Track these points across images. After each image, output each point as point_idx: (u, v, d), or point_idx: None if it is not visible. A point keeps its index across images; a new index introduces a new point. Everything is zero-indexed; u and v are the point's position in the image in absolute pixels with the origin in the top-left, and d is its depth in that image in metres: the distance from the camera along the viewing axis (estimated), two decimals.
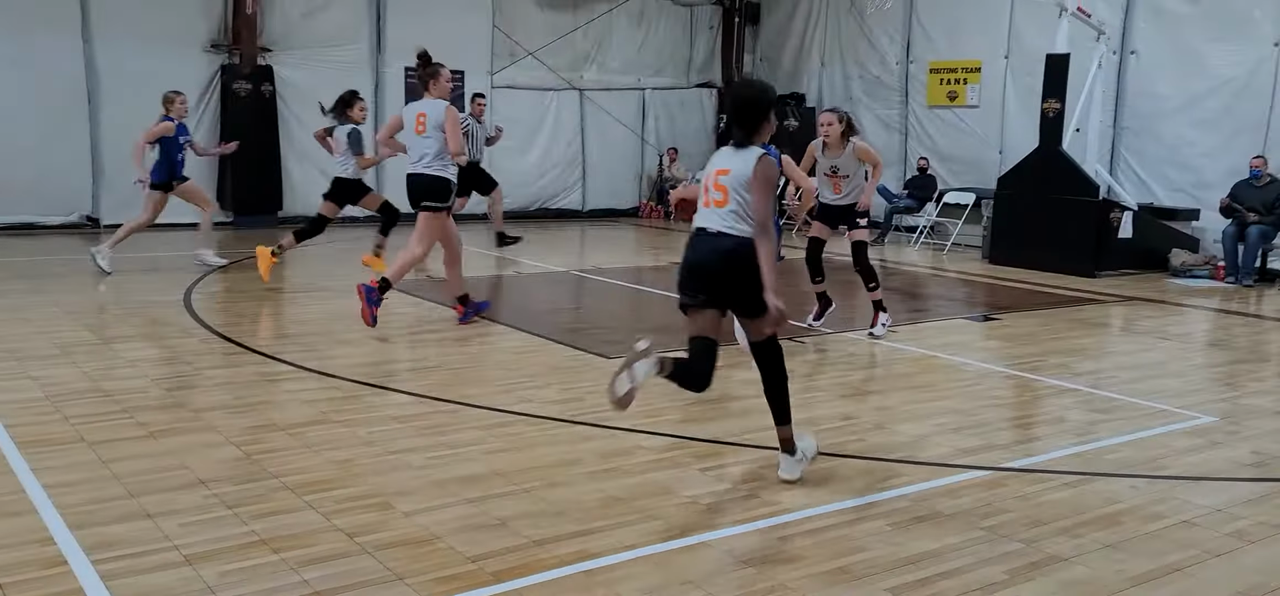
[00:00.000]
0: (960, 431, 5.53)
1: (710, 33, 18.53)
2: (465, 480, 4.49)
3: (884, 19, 16.00)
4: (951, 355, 7.51)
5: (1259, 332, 8.98)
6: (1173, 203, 12.94)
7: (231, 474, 4.48)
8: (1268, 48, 12.08)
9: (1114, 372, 7.07)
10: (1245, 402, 6.34)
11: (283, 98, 14.43)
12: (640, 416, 5.59)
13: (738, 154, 4.41)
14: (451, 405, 5.70)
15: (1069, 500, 4.48)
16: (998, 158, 14.61)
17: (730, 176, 4.37)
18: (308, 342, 7.21)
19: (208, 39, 14.05)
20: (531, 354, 7.14)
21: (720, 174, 4.42)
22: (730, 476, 4.67)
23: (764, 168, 4.32)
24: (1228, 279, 11.55)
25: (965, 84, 15.38)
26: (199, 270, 10.24)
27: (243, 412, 5.45)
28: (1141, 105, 13.31)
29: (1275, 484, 4.82)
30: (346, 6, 14.83)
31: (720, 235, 4.39)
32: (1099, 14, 12.86)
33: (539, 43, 16.45)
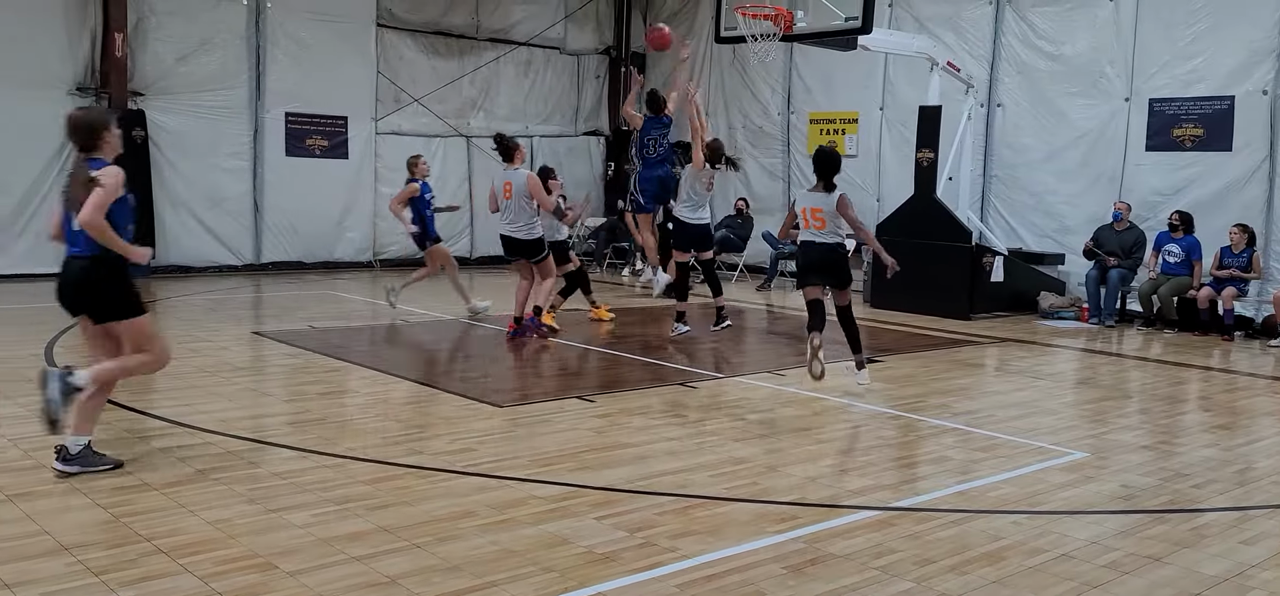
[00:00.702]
0: (849, 473, 5.63)
1: (597, 82, 18.69)
2: (352, 537, 4.33)
3: (766, 71, 16.41)
4: (838, 397, 7.66)
5: (1121, 370, 9.46)
6: (1040, 247, 13.58)
7: (99, 538, 4.22)
8: (1119, 102, 12.85)
9: (992, 412, 7.32)
10: (1112, 438, 6.65)
11: (156, 143, 13.88)
12: (533, 465, 5.52)
13: (826, 195, 7.55)
14: (336, 459, 5.51)
15: (955, 538, 4.60)
16: (876, 205, 15.08)
17: (823, 211, 7.53)
18: (181, 396, 6.89)
19: (73, 82, 13.43)
20: (420, 403, 6.98)
21: (815, 211, 7.57)
22: (625, 524, 4.63)
23: (845, 201, 7.54)
24: (1091, 320, 12.16)
25: (844, 134, 15.88)
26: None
27: (111, 472, 5.14)
28: (1008, 155, 13.97)
29: (1143, 516, 5.05)
30: (224, 50, 14.40)
31: (824, 245, 7.59)
32: (967, 69, 13.49)
33: (424, 89, 16.30)
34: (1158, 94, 12.52)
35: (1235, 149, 11.94)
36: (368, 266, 15.87)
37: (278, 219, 15.01)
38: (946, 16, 14.29)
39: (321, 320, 10.53)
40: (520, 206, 9.43)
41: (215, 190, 14.48)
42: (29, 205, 13.17)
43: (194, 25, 14.10)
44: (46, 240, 6.98)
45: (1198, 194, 12.14)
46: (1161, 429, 7.05)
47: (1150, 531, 4.78)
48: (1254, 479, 5.78)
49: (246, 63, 14.62)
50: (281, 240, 15.09)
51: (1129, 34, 12.70)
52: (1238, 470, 5.94)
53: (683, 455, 5.84)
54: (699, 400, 7.38)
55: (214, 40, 14.28)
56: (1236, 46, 11.88)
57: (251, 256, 14.92)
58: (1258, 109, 11.76)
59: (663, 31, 11.76)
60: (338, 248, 15.67)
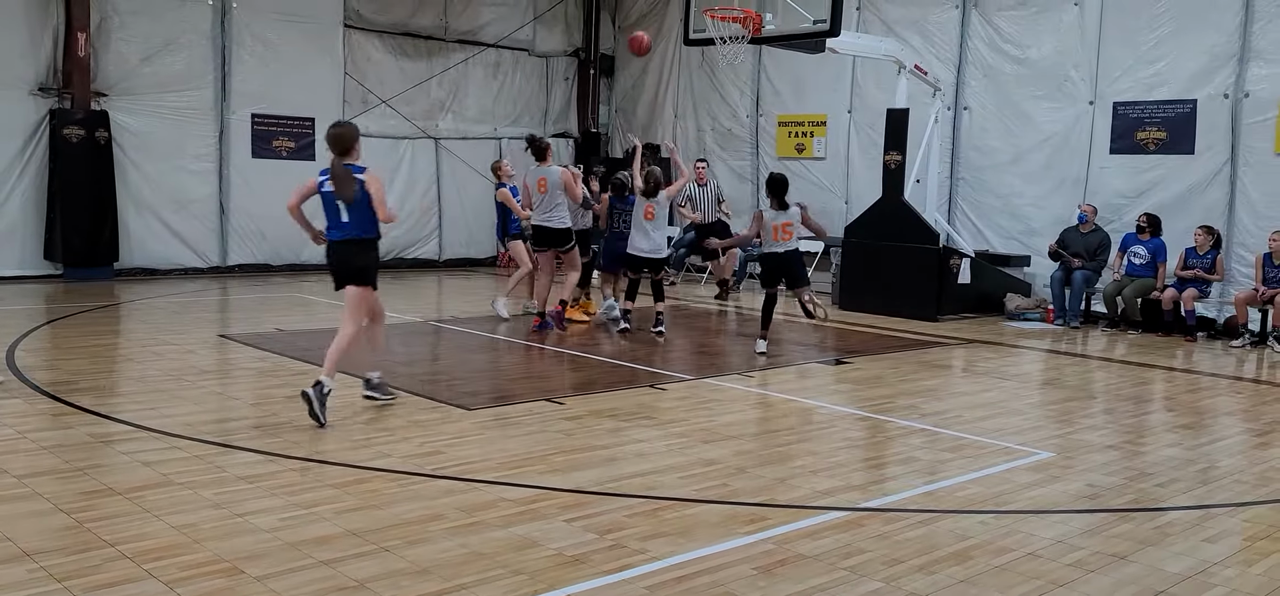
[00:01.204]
0: (818, 473, 5.66)
1: (566, 84, 18.67)
2: (319, 541, 4.30)
3: (734, 74, 16.47)
4: (807, 398, 7.70)
5: (1086, 371, 9.58)
6: (1006, 249, 13.72)
7: (62, 544, 4.16)
8: (1083, 106, 13.02)
9: (959, 412, 7.39)
10: (1077, 438, 6.73)
11: (119, 144, 13.70)
12: (502, 467, 5.50)
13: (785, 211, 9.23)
14: (303, 462, 5.46)
15: (923, 538, 4.63)
16: (844, 207, 15.18)
17: (791, 224, 9.22)
18: (146, 400, 6.81)
19: (35, 82, 13.23)
20: (388, 407, 6.93)
21: (785, 225, 9.22)
22: (595, 526, 4.62)
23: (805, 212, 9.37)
24: (1057, 321, 12.30)
25: (812, 137, 15.97)
26: (490, 317, 10.86)
27: (74, 477, 5.07)
28: (975, 158, 14.11)
29: (1108, 515, 5.12)
30: (189, 51, 14.23)
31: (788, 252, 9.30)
32: (934, 72, 13.60)
33: (392, 91, 16.21)
34: (1121, 97, 12.70)
35: (1197, 152, 12.13)
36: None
37: (244, 221, 14.86)
38: (913, 20, 14.41)
39: (289, 323, 10.44)
40: (555, 200, 10.19)
41: (180, 192, 14.31)
42: None
43: (158, 25, 13.93)
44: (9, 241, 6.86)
45: (1161, 196, 12.33)
46: (1126, 429, 7.14)
47: (1115, 530, 4.84)
48: (1216, 478, 5.87)
49: (212, 63, 14.46)
50: (248, 243, 14.94)
51: (1093, 38, 12.87)
52: (1200, 469, 6.03)
53: (652, 457, 5.84)
54: (668, 402, 7.39)
55: (179, 40, 14.12)
56: (1198, 51, 12.07)
57: (217, 259, 14.76)
58: (1219, 113, 11.96)
59: (641, 39, 11.86)
60: (305, 250, 15.48)
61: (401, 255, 16.62)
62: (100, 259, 13.46)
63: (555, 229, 10.29)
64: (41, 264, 13.34)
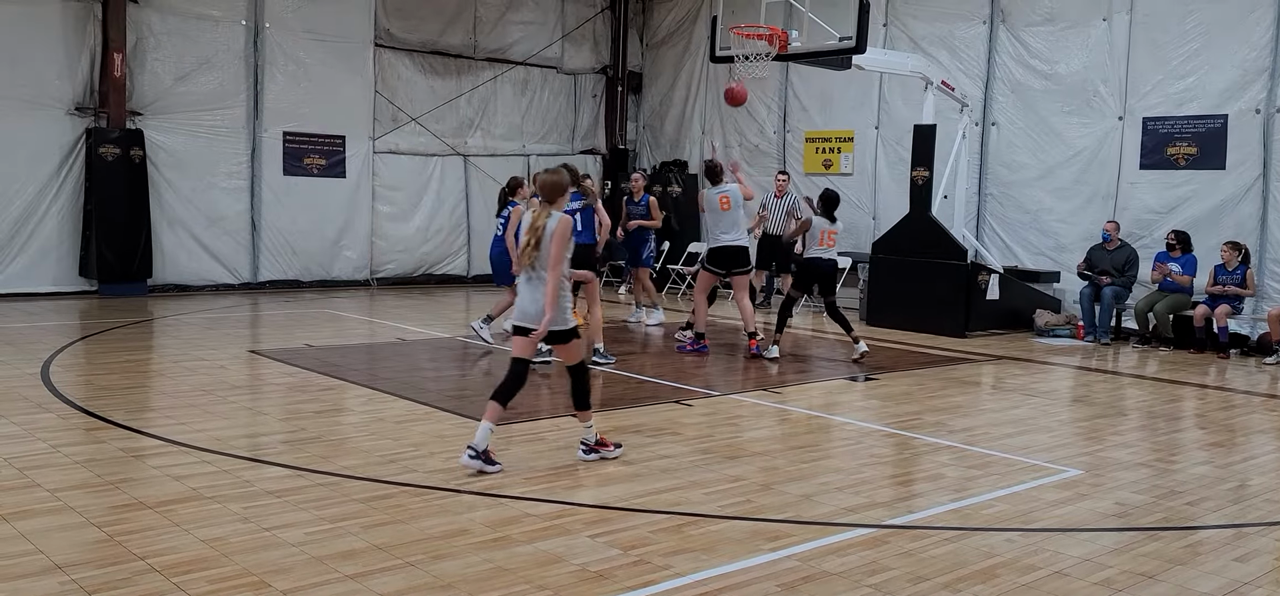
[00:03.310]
0: (844, 490, 5.64)
1: (594, 101, 18.76)
2: (345, 555, 4.34)
3: (761, 90, 16.49)
4: (833, 415, 7.67)
5: (1116, 388, 9.47)
6: (1035, 265, 13.62)
7: (93, 557, 4.22)
8: (1113, 121, 12.92)
9: (986, 429, 7.33)
10: (1107, 456, 6.66)
11: (154, 162, 13.92)
12: (528, 483, 5.52)
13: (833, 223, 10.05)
14: (330, 477, 5.52)
15: (949, 555, 4.60)
16: (872, 223, 15.13)
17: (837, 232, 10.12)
18: (176, 415, 6.90)
19: (72, 102, 13.48)
20: (415, 422, 6.99)
21: (831, 233, 10.05)
22: (620, 542, 4.63)
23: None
24: (1087, 337, 12.18)
25: (839, 153, 15.94)
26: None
27: (105, 491, 5.15)
28: (1003, 174, 14.02)
29: (1137, 533, 5.06)
30: (222, 70, 14.46)
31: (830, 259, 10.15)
32: (961, 87, 13.55)
33: (422, 108, 16.36)
34: (1151, 112, 12.58)
35: (1229, 167, 12.00)
36: (365, 285, 15.89)
37: (275, 238, 15.04)
38: (941, 36, 14.37)
39: (319, 339, 10.54)
40: (738, 216, 10.28)
41: (213, 209, 14.52)
42: (26, 224, 13.20)
43: (193, 45, 14.16)
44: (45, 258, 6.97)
45: (1192, 212, 12.19)
46: (1156, 446, 7.06)
47: (1144, 549, 4.79)
48: (1248, 496, 5.79)
49: (245, 82, 14.67)
50: (279, 259, 15.11)
51: (1122, 53, 12.78)
52: (1232, 487, 5.95)
53: (677, 473, 5.84)
54: (693, 418, 7.39)
55: (213, 60, 14.35)
56: (1229, 65, 11.95)
57: (249, 275, 14.94)
58: (1251, 127, 11.82)
59: (736, 91, 11.44)
60: (335, 266, 15.69)
61: (430, 271, 16.74)
62: (134, 275, 13.67)
63: (741, 247, 10.23)
64: (76, 280, 13.57)
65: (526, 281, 5.85)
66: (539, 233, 5.71)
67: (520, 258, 5.82)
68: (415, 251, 16.49)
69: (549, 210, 5.79)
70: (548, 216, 5.75)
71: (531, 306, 5.79)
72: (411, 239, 16.43)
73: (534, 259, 5.73)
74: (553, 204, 5.83)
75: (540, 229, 5.71)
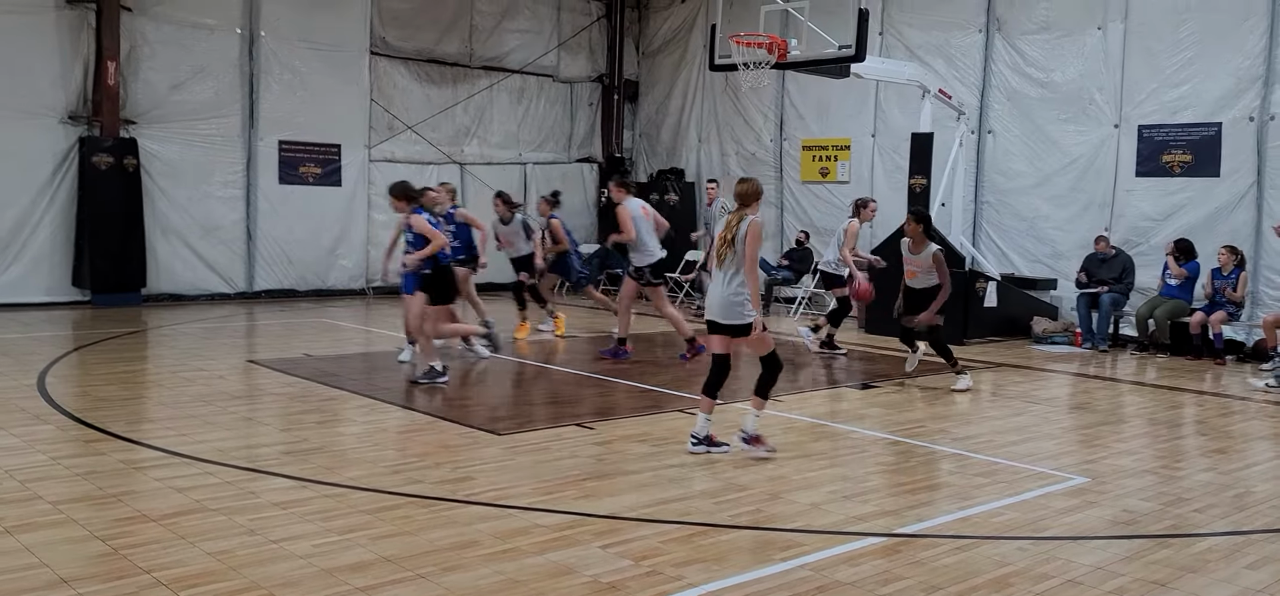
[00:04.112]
0: (852, 499, 5.62)
1: (590, 109, 18.76)
2: (354, 567, 4.30)
3: (758, 98, 16.51)
4: (837, 423, 7.66)
5: (1116, 395, 9.48)
6: (1032, 273, 13.64)
7: (99, 571, 4.17)
8: (1109, 129, 12.96)
9: (989, 437, 7.32)
10: (1111, 463, 6.65)
11: (148, 171, 13.86)
12: (536, 493, 5.49)
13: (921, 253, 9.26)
14: (336, 488, 5.47)
15: (961, 564, 4.58)
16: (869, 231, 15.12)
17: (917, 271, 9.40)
18: (176, 426, 6.84)
19: (65, 110, 13.41)
20: (418, 432, 6.95)
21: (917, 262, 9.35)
22: (630, 552, 4.60)
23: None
24: (1084, 344, 12.20)
25: (836, 160, 15.96)
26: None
27: (108, 504, 5.10)
28: (1000, 181, 14.05)
29: (1146, 540, 5.05)
30: (217, 79, 14.41)
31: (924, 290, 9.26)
32: (958, 95, 13.58)
33: (418, 117, 16.34)
34: (1146, 120, 12.63)
35: (1223, 174, 12.05)
36: (361, 294, 15.84)
37: (270, 247, 14.98)
38: (937, 44, 14.41)
39: (317, 349, 10.49)
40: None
41: (208, 218, 14.46)
42: (19, 234, 13.12)
43: (187, 54, 14.12)
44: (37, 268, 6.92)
45: (1187, 219, 12.23)
46: (1159, 453, 7.06)
47: (1154, 556, 4.78)
48: (1253, 503, 5.78)
49: (240, 91, 14.63)
50: (274, 268, 15.06)
51: (1117, 61, 12.84)
52: (1236, 494, 5.95)
53: (685, 482, 5.82)
54: None
55: (208, 69, 14.31)
56: (1223, 73, 12.00)
57: (244, 284, 14.87)
58: (1245, 135, 11.88)
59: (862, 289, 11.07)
60: (331, 275, 15.64)
61: None
62: (128, 285, 13.60)
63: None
64: (69, 290, 13.49)
65: (722, 279, 6.33)
66: (732, 232, 6.21)
67: (715, 255, 6.36)
68: None
69: (743, 213, 6.26)
70: (741, 219, 6.23)
71: (728, 302, 6.27)
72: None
73: (727, 257, 6.24)
74: (747, 208, 6.30)
75: (733, 230, 6.22)
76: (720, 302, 6.31)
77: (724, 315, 6.30)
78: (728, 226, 6.28)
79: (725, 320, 6.31)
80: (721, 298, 6.29)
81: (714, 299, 6.37)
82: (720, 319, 6.33)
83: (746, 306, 6.23)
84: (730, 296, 6.25)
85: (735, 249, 6.22)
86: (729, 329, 6.33)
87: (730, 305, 6.25)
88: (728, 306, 6.26)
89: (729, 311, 6.27)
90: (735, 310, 6.25)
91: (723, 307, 6.30)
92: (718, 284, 6.35)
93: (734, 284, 6.23)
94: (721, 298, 6.29)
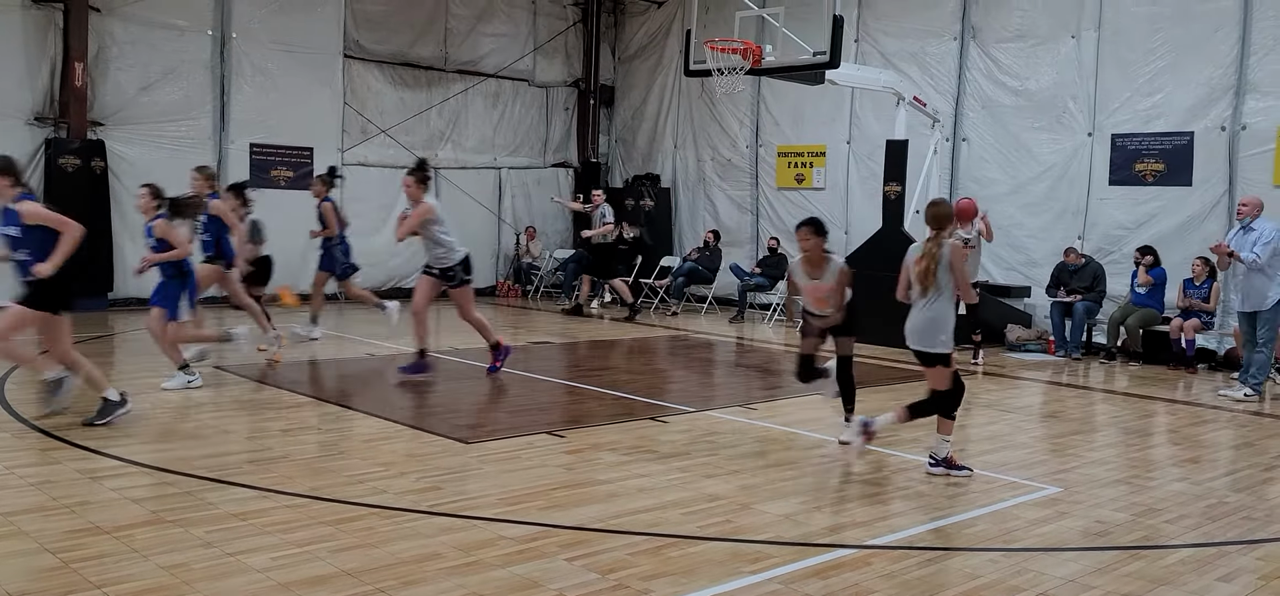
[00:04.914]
0: (823, 509, 5.56)
1: (566, 114, 18.67)
2: (313, 581, 4.19)
3: (734, 104, 16.48)
4: (810, 432, 7.60)
5: (1089, 403, 9.49)
6: (1006, 281, 13.66)
7: (47, 585, 4.04)
8: (1083, 137, 13.01)
9: (963, 446, 7.28)
10: (1084, 472, 6.63)
11: (115, 173, 13.63)
12: (502, 504, 5.39)
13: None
14: (297, 499, 5.35)
15: (933, 576, 4.53)
16: (844, 237, 15.12)
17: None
18: (137, 434, 6.69)
19: (31, 112, 13.17)
20: (384, 441, 6.83)
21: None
22: (597, 565, 4.51)
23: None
24: (1058, 352, 12.22)
25: (811, 167, 15.95)
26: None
27: (60, 515, 4.95)
28: (974, 189, 14.03)
29: (1120, 552, 5.02)
30: (188, 80, 14.20)
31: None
32: (933, 103, 13.60)
33: (392, 120, 16.18)
34: (1120, 129, 12.69)
35: (1195, 183, 12.11)
36: (333, 298, 15.64)
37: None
38: (912, 52, 14.43)
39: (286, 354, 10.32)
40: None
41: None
42: None
43: (157, 55, 13.91)
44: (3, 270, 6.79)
45: (1160, 228, 12.29)
46: (1132, 463, 7.05)
47: (1126, 568, 4.74)
48: (1224, 514, 5.77)
49: (211, 93, 14.43)
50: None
51: (1091, 70, 12.89)
52: (1208, 505, 5.93)
53: (655, 492, 5.73)
54: (671, 435, 7.28)
55: (178, 70, 14.10)
56: (1195, 83, 12.08)
57: (213, 288, 14.63)
58: (1217, 144, 11.95)
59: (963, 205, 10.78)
60: (303, 279, 15.42)
61: (400, 284, 16.52)
62: (94, 289, 13.35)
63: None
64: None
65: (921, 305, 6.27)
66: (934, 260, 6.15)
67: (917, 283, 6.25)
68: (384, 265, 16.25)
69: (940, 238, 6.23)
70: (939, 245, 6.20)
71: (925, 328, 6.24)
72: (380, 252, 16.18)
73: (931, 284, 6.18)
74: (943, 231, 6.26)
75: (935, 257, 6.16)
76: (918, 328, 6.27)
77: (919, 341, 6.27)
78: (928, 254, 6.19)
79: (918, 345, 6.28)
80: (919, 323, 6.26)
81: (911, 326, 6.33)
82: (917, 345, 6.30)
83: (942, 334, 6.19)
84: (929, 322, 6.21)
85: (938, 276, 6.16)
86: (920, 355, 6.29)
87: (926, 331, 6.22)
88: (924, 332, 6.23)
89: (924, 337, 6.24)
90: (929, 337, 6.20)
91: (919, 334, 6.26)
92: (917, 310, 6.28)
93: (933, 310, 6.19)
94: (919, 323, 6.26)
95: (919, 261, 6.26)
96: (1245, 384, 9.74)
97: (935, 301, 6.20)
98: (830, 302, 7.12)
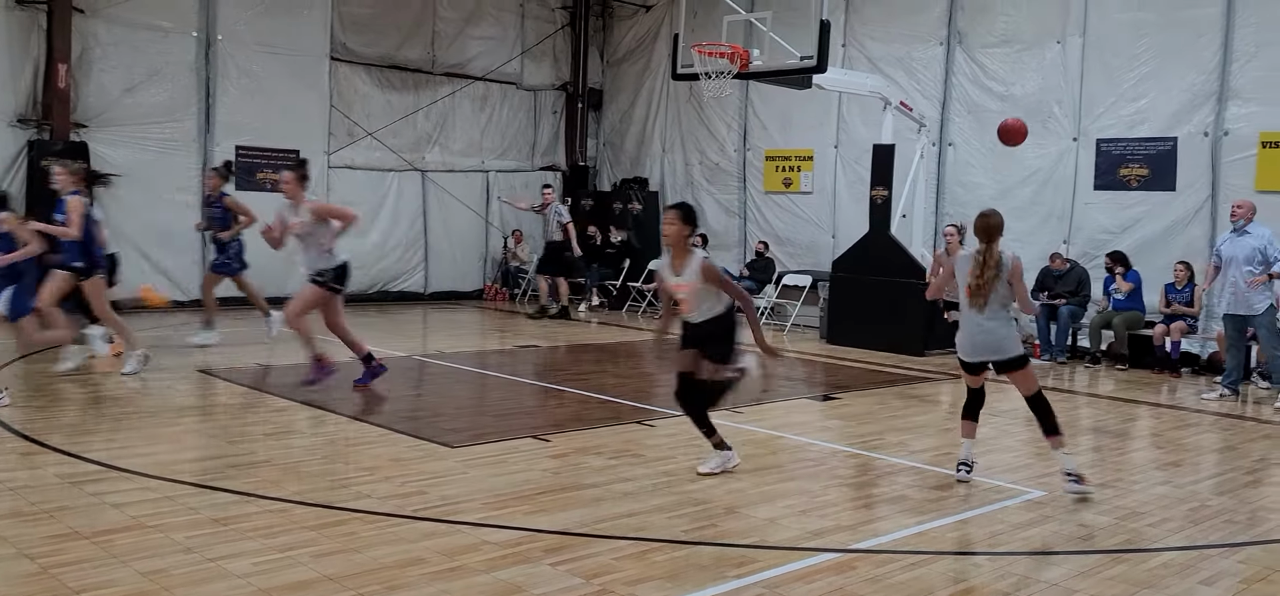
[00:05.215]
0: (808, 513, 5.55)
1: (554, 117, 18.64)
2: (294, 587, 4.16)
3: (721, 108, 16.49)
4: (796, 435, 7.60)
5: (1073, 408, 9.51)
6: None
7: (25, 591, 4.00)
8: (1068, 142, 13.07)
9: (948, 449, 7.28)
10: None
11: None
12: (486, 508, 5.37)
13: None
14: (279, 503, 5.32)
15: (917, 580, 4.53)
16: (831, 241, 15.16)
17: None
18: (119, 439, 6.65)
19: (14, 113, 13.08)
20: (368, 445, 6.80)
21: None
22: (582, 570, 4.50)
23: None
24: (1043, 356, 12.26)
25: (799, 171, 15.97)
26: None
27: (40, 520, 4.91)
28: (960, 193, 14.11)
29: (1103, 556, 5.03)
30: (173, 82, 14.13)
31: (708, 321, 6.15)
32: (919, 108, 13.64)
33: (378, 123, 16.13)
34: (1104, 134, 12.75)
35: (1179, 189, 12.18)
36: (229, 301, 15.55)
37: None
38: (899, 57, 14.46)
39: (271, 358, 10.28)
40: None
41: (162, 224, 14.15)
42: None
43: (141, 56, 13.84)
44: None
45: (1144, 232, 12.35)
46: (1115, 466, 7.07)
47: (1110, 572, 4.75)
48: (1207, 517, 5.79)
49: (196, 95, 14.36)
50: None
51: (1076, 75, 12.95)
52: (1191, 509, 5.95)
53: (640, 496, 5.72)
54: (656, 439, 7.27)
55: (162, 72, 14.02)
56: (1179, 89, 12.14)
57: (199, 292, 14.56)
58: (1200, 150, 12.01)
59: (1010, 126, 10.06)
60: (288, 283, 15.33)
61: (387, 288, 16.48)
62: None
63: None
64: None
65: (975, 317, 6.16)
66: (993, 270, 6.06)
67: (976, 296, 6.12)
68: (371, 268, 16.20)
69: (992, 248, 6.12)
70: (998, 257, 6.10)
71: (983, 339, 6.17)
72: (367, 255, 16.13)
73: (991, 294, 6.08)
74: (993, 243, 6.14)
75: (994, 267, 6.07)
76: (988, 342, 6.16)
77: (991, 353, 6.17)
78: (985, 264, 6.09)
79: (990, 357, 6.20)
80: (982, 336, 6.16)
81: (976, 339, 6.20)
82: (990, 356, 6.20)
83: (1010, 339, 6.16)
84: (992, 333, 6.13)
85: (997, 288, 6.07)
86: (1001, 364, 6.21)
87: (996, 343, 6.14)
88: (994, 344, 6.14)
89: (996, 348, 6.15)
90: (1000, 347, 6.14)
91: (989, 347, 6.17)
92: (976, 321, 6.16)
93: (994, 320, 6.12)
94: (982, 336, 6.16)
95: (975, 273, 6.14)
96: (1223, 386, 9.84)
97: (996, 313, 6.13)
98: (695, 306, 6.00)
